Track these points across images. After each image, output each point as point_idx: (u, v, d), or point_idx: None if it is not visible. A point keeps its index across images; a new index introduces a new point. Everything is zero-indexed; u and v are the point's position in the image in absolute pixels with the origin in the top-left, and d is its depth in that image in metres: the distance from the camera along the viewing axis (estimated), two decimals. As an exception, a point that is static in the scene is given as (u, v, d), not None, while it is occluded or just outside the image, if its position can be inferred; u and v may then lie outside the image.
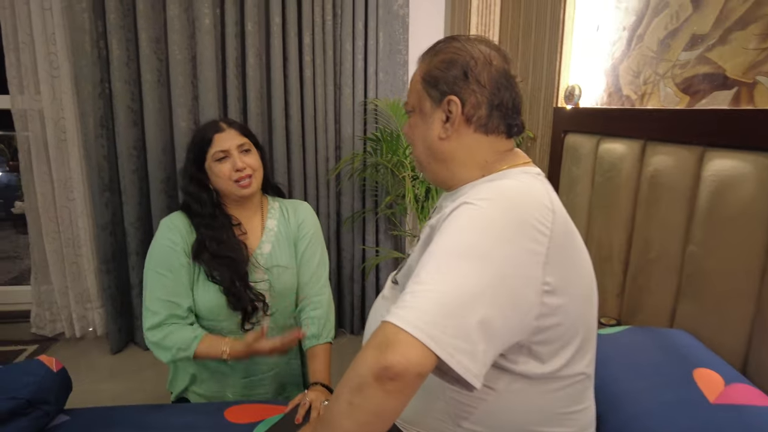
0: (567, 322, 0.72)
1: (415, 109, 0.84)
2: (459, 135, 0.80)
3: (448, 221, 0.70)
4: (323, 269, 1.34)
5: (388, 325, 0.60)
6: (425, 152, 0.84)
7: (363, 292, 2.58)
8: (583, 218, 1.54)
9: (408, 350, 0.57)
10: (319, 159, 2.39)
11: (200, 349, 1.16)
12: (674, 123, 1.18)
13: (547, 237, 0.68)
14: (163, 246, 1.21)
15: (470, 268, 0.63)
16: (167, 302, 1.18)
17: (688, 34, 1.19)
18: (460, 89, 0.78)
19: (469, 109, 0.78)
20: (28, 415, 1.03)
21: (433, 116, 0.81)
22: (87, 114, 2.12)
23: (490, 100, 0.79)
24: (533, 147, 1.97)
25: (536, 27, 1.87)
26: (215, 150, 1.21)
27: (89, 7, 2.05)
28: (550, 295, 0.68)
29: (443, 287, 0.62)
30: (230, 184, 1.22)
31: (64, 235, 2.36)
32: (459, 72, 0.78)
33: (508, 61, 0.81)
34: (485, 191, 0.71)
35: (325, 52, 2.30)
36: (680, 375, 0.88)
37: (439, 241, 0.67)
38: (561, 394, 0.75)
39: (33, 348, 2.40)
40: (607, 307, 1.41)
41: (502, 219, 0.67)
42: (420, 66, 0.84)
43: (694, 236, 1.09)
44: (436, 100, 0.80)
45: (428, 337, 0.58)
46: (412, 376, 0.58)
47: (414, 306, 0.60)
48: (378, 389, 0.58)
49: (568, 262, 0.71)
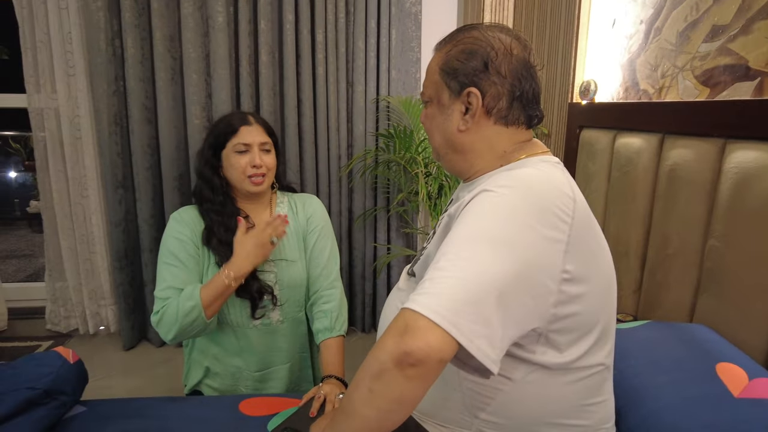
0: (586, 311, 0.71)
1: (432, 99, 0.83)
2: (479, 127, 0.79)
3: (468, 208, 0.69)
4: (334, 263, 1.33)
5: (408, 311, 0.59)
6: (443, 143, 0.83)
7: (374, 290, 2.57)
8: (600, 214, 1.52)
9: (429, 336, 0.57)
10: (331, 156, 2.39)
11: (204, 292, 1.14)
12: (694, 115, 1.17)
13: (568, 225, 0.67)
14: (172, 238, 1.22)
15: (490, 254, 0.62)
16: (175, 290, 1.17)
17: (708, 25, 1.17)
18: (480, 80, 0.77)
19: (489, 100, 0.77)
20: (45, 405, 1.03)
21: (452, 107, 0.80)
22: (101, 112, 2.14)
23: (511, 91, 0.77)
24: (548, 143, 1.95)
25: (550, 22, 1.85)
26: (238, 141, 1.21)
27: (105, 5, 2.07)
28: (569, 283, 0.68)
29: (463, 273, 0.61)
30: (243, 177, 1.22)
31: (79, 233, 2.38)
32: (479, 63, 0.76)
33: (528, 50, 0.79)
34: (505, 179, 0.71)
35: (338, 49, 2.30)
36: (703, 369, 0.87)
37: (459, 228, 0.67)
38: (579, 386, 0.74)
39: (48, 344, 2.42)
40: (623, 304, 1.39)
41: (523, 206, 0.66)
42: (437, 55, 0.82)
43: (714, 230, 1.07)
44: (455, 91, 0.79)
45: (449, 322, 0.57)
46: (434, 362, 0.57)
47: (434, 292, 0.60)
48: (399, 375, 0.58)
49: (588, 251, 0.70)
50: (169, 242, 1.22)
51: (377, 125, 2.42)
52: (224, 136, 1.23)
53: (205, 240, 1.22)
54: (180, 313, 1.12)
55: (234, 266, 1.16)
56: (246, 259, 1.17)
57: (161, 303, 1.16)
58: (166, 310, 1.15)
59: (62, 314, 2.48)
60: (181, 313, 1.12)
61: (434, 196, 2.13)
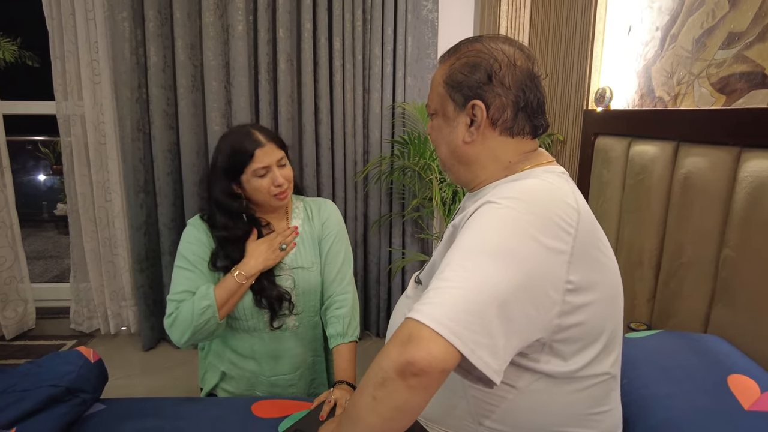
0: (590, 321, 0.71)
1: (437, 111, 0.84)
2: (484, 138, 0.80)
3: (472, 220, 0.70)
4: (348, 267, 1.35)
5: (412, 321, 0.61)
6: (449, 155, 0.84)
7: (389, 294, 2.59)
8: (614, 222, 1.51)
9: (431, 346, 0.58)
10: (347, 162, 2.42)
11: (218, 292, 1.16)
12: (709, 123, 1.15)
13: (572, 236, 0.67)
14: (187, 243, 1.24)
15: (494, 265, 0.63)
16: (189, 293, 1.19)
17: (724, 32, 1.16)
18: (484, 93, 0.77)
19: (494, 112, 0.78)
20: (66, 402, 1.07)
21: (457, 120, 0.80)
22: (125, 118, 2.21)
23: (516, 102, 0.78)
24: (563, 150, 1.94)
25: (566, 29, 1.85)
26: (257, 166, 1.20)
27: (129, 16, 2.14)
28: (574, 293, 0.68)
29: (466, 284, 0.62)
30: (269, 197, 1.23)
31: (102, 235, 2.45)
32: (483, 75, 0.77)
33: (531, 60, 0.80)
34: (509, 190, 0.71)
35: (355, 56, 2.33)
36: (714, 381, 0.86)
37: (463, 239, 0.68)
38: (584, 395, 0.74)
39: (71, 343, 2.49)
40: (637, 313, 1.38)
41: (527, 217, 0.67)
42: (441, 68, 0.83)
43: (729, 240, 1.06)
44: (460, 104, 0.79)
45: (451, 333, 0.58)
46: (436, 372, 0.58)
47: (437, 302, 0.61)
48: (401, 384, 0.59)
49: (593, 261, 0.71)
50: (184, 247, 1.24)
51: (393, 131, 2.44)
52: (240, 163, 1.20)
53: (213, 264, 1.23)
54: (195, 313, 1.14)
55: (246, 266, 1.20)
56: (257, 260, 1.21)
57: (174, 305, 1.18)
58: (180, 311, 1.16)
59: (85, 314, 2.56)
60: (197, 313, 1.14)
61: (448, 202, 2.14)
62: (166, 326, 1.19)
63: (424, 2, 2.34)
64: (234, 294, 1.19)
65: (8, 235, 2.44)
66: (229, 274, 1.20)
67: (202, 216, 1.29)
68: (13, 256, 2.48)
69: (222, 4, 2.18)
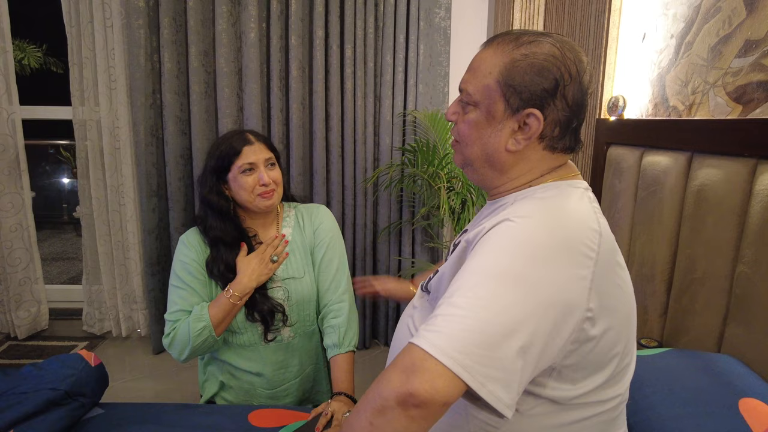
0: (604, 346, 0.67)
1: (479, 105, 0.74)
2: (527, 149, 0.73)
3: (487, 238, 0.66)
4: (342, 275, 1.32)
5: (417, 349, 0.58)
6: (482, 156, 0.76)
7: (398, 303, 2.56)
8: (626, 234, 1.47)
9: (436, 379, 0.55)
10: (357, 169, 2.41)
11: (212, 312, 1.17)
12: (724, 134, 1.11)
13: (593, 261, 0.63)
14: (180, 261, 1.24)
15: (510, 294, 0.59)
16: (184, 312, 1.20)
17: (741, 40, 1.12)
18: (545, 104, 0.70)
19: (546, 126, 0.71)
20: (65, 405, 1.08)
21: (504, 123, 0.72)
22: (139, 123, 2.24)
23: (569, 120, 0.72)
24: (575, 160, 1.90)
25: (580, 36, 1.82)
26: (243, 162, 1.21)
27: (145, 23, 2.17)
28: (591, 321, 0.64)
29: (480, 314, 0.58)
30: (253, 196, 1.22)
31: (115, 238, 2.48)
32: (550, 85, 0.70)
33: (589, 74, 0.74)
34: (528, 208, 0.67)
35: (366, 64, 2.33)
36: (724, 404, 0.81)
37: (477, 261, 0.64)
38: (591, 422, 0.70)
39: (83, 345, 2.52)
40: (648, 328, 1.33)
41: (546, 241, 0.63)
42: (495, 55, 0.72)
43: (744, 255, 1.01)
44: (514, 107, 0.71)
45: (459, 365, 0.56)
46: (438, 405, 0.56)
47: (446, 332, 0.58)
48: (401, 414, 0.56)
49: (612, 286, 0.67)
50: (177, 265, 1.25)
51: (404, 139, 2.43)
52: (227, 159, 1.22)
53: (209, 271, 1.24)
54: (192, 334, 1.16)
55: (239, 285, 1.19)
56: (249, 278, 1.20)
57: (171, 326, 1.19)
58: (177, 332, 1.18)
59: (97, 317, 2.59)
60: (193, 334, 1.16)
61: (457, 210, 2.11)
62: (165, 345, 1.21)
63: (437, 10, 2.33)
64: (229, 313, 1.19)
65: (24, 237, 2.49)
66: (223, 293, 1.19)
67: (196, 220, 1.29)
68: (29, 258, 2.52)
69: (235, 12, 2.21)
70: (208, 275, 1.24)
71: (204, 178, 1.26)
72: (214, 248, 1.24)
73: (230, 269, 1.22)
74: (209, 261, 1.24)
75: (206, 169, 1.26)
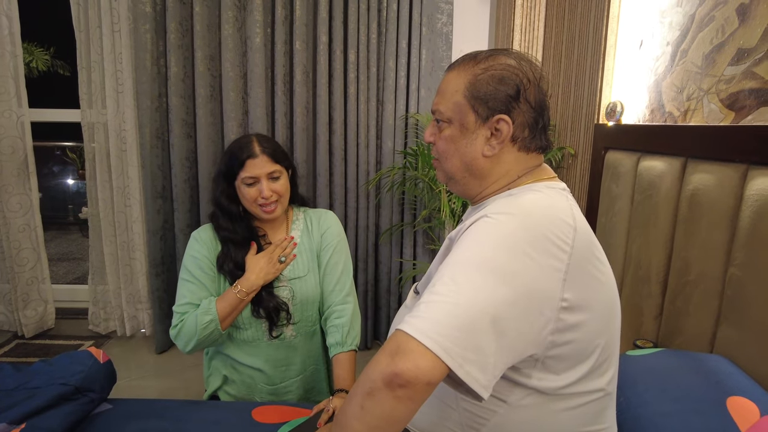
0: (584, 338, 0.71)
1: (452, 121, 0.80)
2: (501, 153, 0.80)
3: (466, 234, 0.71)
4: (347, 278, 1.36)
5: (401, 333, 0.62)
6: (462, 167, 0.82)
7: (399, 304, 2.59)
8: (623, 237, 1.50)
9: (418, 359, 0.59)
10: (360, 172, 2.45)
11: (220, 306, 1.21)
12: (716, 140, 1.14)
13: (567, 254, 0.67)
14: (190, 257, 1.29)
15: (485, 280, 0.64)
16: (192, 305, 1.25)
17: (734, 48, 1.15)
18: (511, 108, 0.77)
19: (516, 128, 0.78)
20: (75, 401, 1.11)
21: (477, 132, 0.79)
22: (145, 126, 2.28)
23: (535, 121, 0.79)
24: (574, 164, 1.93)
25: (578, 43, 1.85)
26: (245, 175, 1.24)
27: (152, 28, 2.22)
28: (568, 311, 0.68)
29: (457, 298, 0.63)
30: (255, 207, 1.27)
31: (120, 239, 2.52)
32: (512, 91, 0.76)
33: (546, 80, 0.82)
34: (506, 205, 0.72)
35: (369, 69, 2.36)
36: (712, 402, 0.84)
37: (457, 253, 0.68)
38: (577, 412, 0.73)
39: (89, 344, 2.56)
40: (644, 330, 1.35)
41: (521, 234, 0.67)
42: (458, 76, 0.80)
43: (735, 258, 1.04)
44: (483, 116, 0.78)
45: (439, 347, 0.59)
46: (422, 384, 0.59)
47: (427, 316, 0.62)
48: (388, 395, 0.60)
49: (589, 278, 0.71)
50: (187, 260, 1.29)
51: (406, 142, 2.46)
52: (233, 168, 1.26)
53: (219, 266, 1.28)
54: (198, 327, 1.20)
55: (246, 282, 1.23)
56: (257, 276, 1.25)
57: (179, 317, 1.24)
58: (184, 324, 1.22)
59: (102, 316, 2.63)
60: (200, 327, 1.20)
61: (458, 213, 2.14)
62: (172, 336, 1.25)
63: (439, 15, 2.37)
64: (235, 308, 1.23)
65: (32, 237, 2.53)
66: (230, 289, 1.24)
67: (211, 217, 1.33)
68: (36, 258, 2.56)
69: (241, 17, 2.25)
70: (217, 270, 1.28)
71: (217, 179, 1.31)
72: (225, 246, 1.29)
73: (239, 266, 1.26)
74: (220, 257, 1.29)
75: (218, 172, 1.31)
